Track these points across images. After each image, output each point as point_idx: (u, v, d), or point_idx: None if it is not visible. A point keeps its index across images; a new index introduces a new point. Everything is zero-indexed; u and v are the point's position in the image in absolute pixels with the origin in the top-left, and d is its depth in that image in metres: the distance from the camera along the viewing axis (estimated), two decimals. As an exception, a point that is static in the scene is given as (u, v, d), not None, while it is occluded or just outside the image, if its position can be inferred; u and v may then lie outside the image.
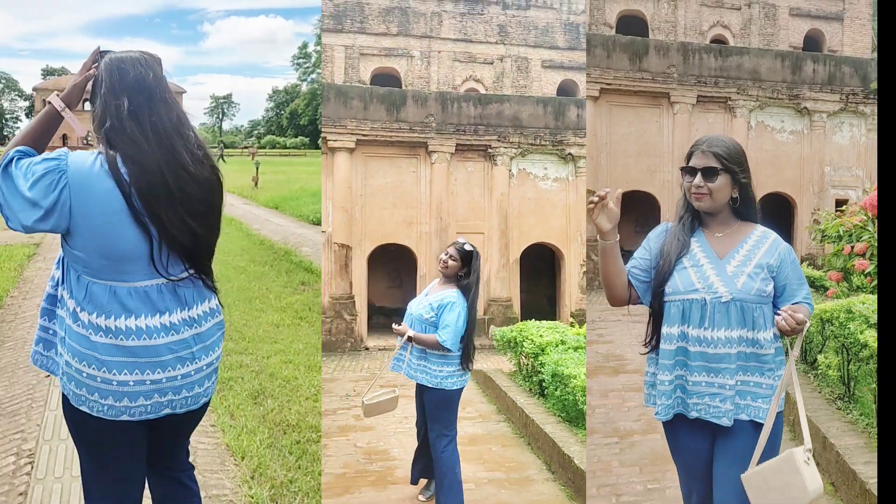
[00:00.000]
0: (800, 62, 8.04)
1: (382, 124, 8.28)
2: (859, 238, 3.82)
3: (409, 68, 12.29)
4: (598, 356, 4.00)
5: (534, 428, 3.63)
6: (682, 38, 10.42)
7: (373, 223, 8.36)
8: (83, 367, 1.17)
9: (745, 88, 7.78)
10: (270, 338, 4.23)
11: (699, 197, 1.49)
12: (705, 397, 1.45)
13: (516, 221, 8.78)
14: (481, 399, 4.92)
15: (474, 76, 12.52)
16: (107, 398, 1.17)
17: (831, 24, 11.50)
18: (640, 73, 7.61)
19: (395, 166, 8.49)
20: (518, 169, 8.88)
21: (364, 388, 5.80)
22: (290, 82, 40.69)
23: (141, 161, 1.17)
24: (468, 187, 8.71)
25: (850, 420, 2.61)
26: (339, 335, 8.01)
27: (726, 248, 1.50)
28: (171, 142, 1.21)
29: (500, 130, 8.66)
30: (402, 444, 3.77)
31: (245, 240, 8.36)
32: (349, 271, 8.18)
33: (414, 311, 2.51)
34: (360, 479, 3.13)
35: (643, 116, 7.74)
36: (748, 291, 1.44)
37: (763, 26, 11.14)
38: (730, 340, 1.44)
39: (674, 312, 1.48)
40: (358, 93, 8.38)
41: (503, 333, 5.55)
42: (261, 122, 42.33)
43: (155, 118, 1.20)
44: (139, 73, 1.22)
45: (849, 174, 8.15)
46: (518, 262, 8.85)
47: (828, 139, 8.09)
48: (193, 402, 1.27)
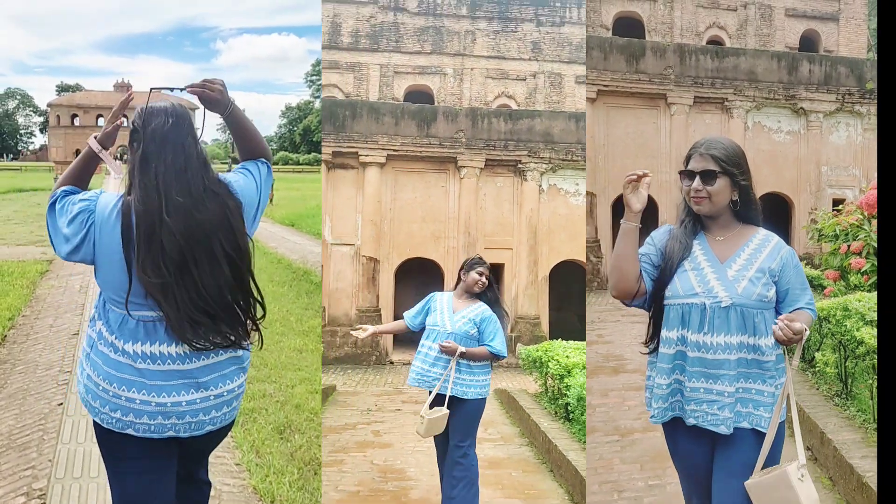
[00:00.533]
0: (796, 63, 7.99)
1: (413, 140, 8.38)
2: (855, 237, 3.81)
3: (441, 85, 12.47)
4: (598, 356, 3.99)
5: (557, 454, 3.44)
6: (679, 39, 10.36)
7: (401, 237, 8.41)
8: (100, 380, 1.31)
9: (742, 89, 7.75)
10: (294, 364, 4.00)
11: (698, 201, 1.46)
12: (703, 404, 1.42)
13: (546, 237, 8.61)
14: (504, 420, 4.75)
15: (506, 92, 12.55)
16: (115, 412, 1.30)
17: (827, 24, 11.43)
18: (637, 74, 7.59)
19: (425, 181, 8.54)
20: (549, 184, 8.74)
21: (386, 402, 5.75)
22: (302, 99, 41.79)
23: (141, 207, 1.28)
24: (497, 202, 8.64)
25: (848, 416, 2.64)
26: (365, 348, 8.03)
27: (727, 252, 1.46)
28: (178, 187, 1.30)
29: (531, 146, 8.58)
30: (420, 463, 3.67)
31: (262, 258, 7.96)
32: (376, 284, 8.23)
33: (453, 329, 2.52)
34: (373, 499, 3.05)
35: (640, 118, 7.71)
36: (749, 296, 1.41)
37: (759, 27, 11.08)
38: (729, 346, 1.40)
39: (673, 316, 1.45)
40: (389, 109, 8.54)
41: (528, 352, 5.38)
42: (273, 139, 43.68)
43: (161, 165, 1.30)
44: (159, 122, 1.34)
45: (845, 173, 8.06)
46: (547, 279, 8.64)
47: (824, 139, 8.03)
48: (198, 428, 1.34)
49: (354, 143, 8.28)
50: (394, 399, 5.84)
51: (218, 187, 1.36)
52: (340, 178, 8.41)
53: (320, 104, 40.70)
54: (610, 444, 2.78)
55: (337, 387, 6.25)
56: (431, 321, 2.60)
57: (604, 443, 2.75)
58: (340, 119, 8.33)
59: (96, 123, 27.33)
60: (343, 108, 8.47)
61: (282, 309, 5.44)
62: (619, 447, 2.77)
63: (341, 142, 8.29)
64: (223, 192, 1.37)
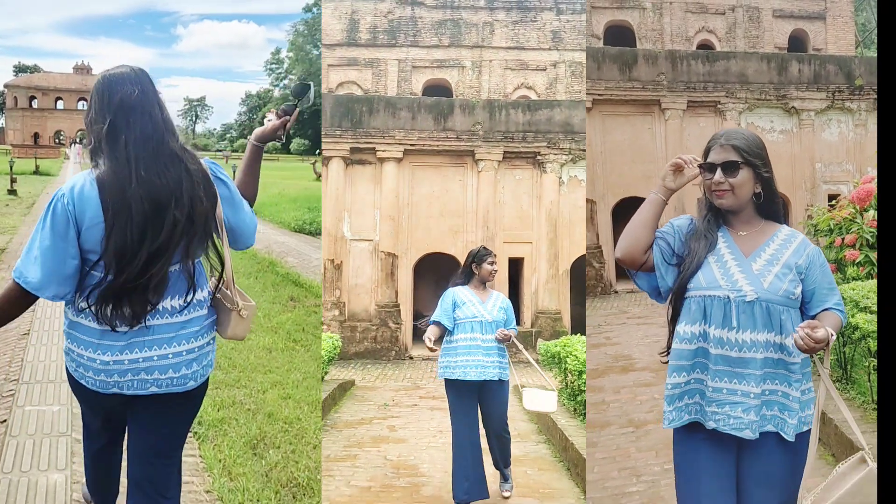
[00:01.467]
0: (785, 63, 8.21)
1: (430, 133, 8.32)
2: (848, 230, 3.98)
3: (460, 79, 12.34)
4: (608, 357, 4.22)
5: (573, 452, 3.34)
6: (669, 45, 10.58)
7: (419, 232, 8.37)
8: (68, 342, 1.41)
9: (734, 91, 7.95)
10: (264, 366, 3.66)
11: (721, 194, 1.38)
12: (726, 406, 1.32)
13: (566, 230, 8.41)
14: (522, 417, 4.66)
15: (526, 83, 12.31)
16: (72, 363, 1.40)
17: (814, 23, 11.64)
18: (631, 82, 7.81)
19: (442, 175, 8.47)
20: (569, 176, 8.52)
21: (403, 397, 5.74)
22: (262, 87, 42.07)
23: (113, 178, 1.30)
24: (516, 195, 8.49)
25: (848, 398, 2.73)
26: (384, 343, 8.05)
27: (752, 246, 1.40)
28: (146, 155, 1.32)
29: (550, 136, 8.38)
30: (433, 459, 3.63)
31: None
32: (395, 280, 8.23)
33: (491, 317, 2.76)
34: (385, 495, 3.02)
35: (636, 124, 7.91)
36: (775, 292, 1.34)
37: (748, 29, 11.29)
38: (755, 344, 1.32)
39: (694, 309, 1.36)
40: (406, 103, 8.49)
41: (547, 348, 5.26)
42: (233, 126, 43.80)
43: (131, 135, 1.32)
44: (126, 92, 1.33)
45: (839, 169, 8.18)
46: (568, 273, 8.45)
47: (817, 136, 8.21)
48: (141, 387, 1.37)
49: (372, 139, 8.28)
50: (411, 394, 5.83)
51: (183, 153, 1.37)
52: (358, 173, 8.43)
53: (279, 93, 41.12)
54: (626, 435, 2.90)
55: (356, 382, 6.28)
56: (468, 314, 2.74)
57: (620, 434, 2.87)
58: (357, 115, 8.34)
59: (55, 106, 27.46)
60: (360, 104, 8.48)
61: None
62: (634, 437, 2.88)
63: (359, 137, 8.30)
64: (187, 159, 1.37)
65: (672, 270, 1.40)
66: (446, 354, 2.72)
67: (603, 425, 3.08)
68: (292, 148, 35.12)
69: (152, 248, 1.30)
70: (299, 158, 32.33)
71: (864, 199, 4.00)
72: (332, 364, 5.94)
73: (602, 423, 3.12)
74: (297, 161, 30.45)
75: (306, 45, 36.34)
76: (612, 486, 2.50)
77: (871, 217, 3.94)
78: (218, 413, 2.87)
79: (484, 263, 2.78)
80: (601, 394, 3.60)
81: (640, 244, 1.39)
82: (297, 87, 1.66)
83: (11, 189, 11.74)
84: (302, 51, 36.36)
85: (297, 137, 35.81)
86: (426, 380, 6.74)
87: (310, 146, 34.83)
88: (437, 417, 4.81)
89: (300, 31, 36.71)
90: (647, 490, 2.43)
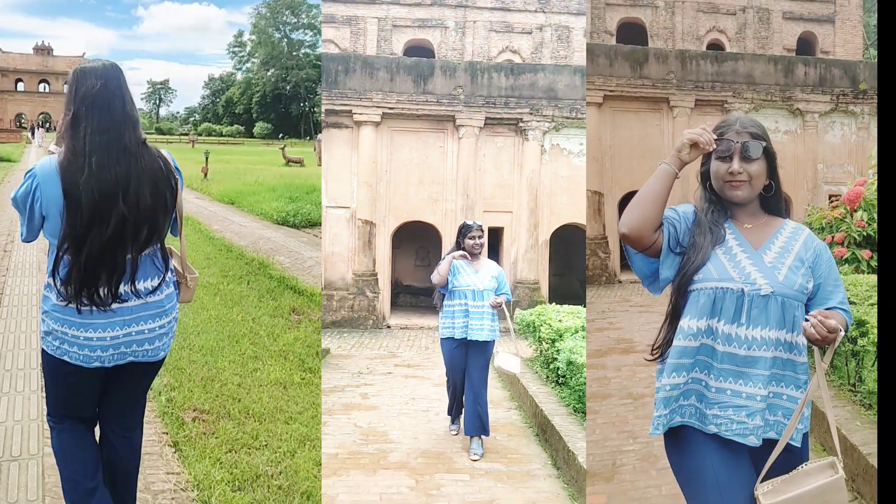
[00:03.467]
0: (792, 66, 8.51)
1: (409, 97, 8.00)
2: (838, 229, 4.32)
3: (442, 40, 11.85)
4: (611, 340, 4.55)
5: (542, 419, 3.35)
6: (680, 43, 11.13)
7: (398, 199, 8.17)
8: (49, 321, 1.49)
9: (741, 92, 8.21)
10: (283, 411, 2.71)
11: (737, 185, 1.28)
12: (728, 409, 1.22)
13: (547, 200, 8.32)
14: (495, 385, 4.67)
15: (511, 47, 11.91)
16: (55, 341, 1.49)
17: (823, 26, 11.99)
18: (641, 79, 8.09)
19: (422, 141, 8.21)
20: (551, 144, 8.36)
21: (378, 365, 5.71)
22: (225, 71, 41.02)
23: (67, 166, 1.41)
24: (497, 163, 8.31)
25: (834, 384, 2.85)
26: (361, 312, 7.98)
27: (760, 239, 1.31)
28: (99, 148, 1.42)
29: (533, 103, 8.15)
30: (404, 426, 3.61)
31: (207, 244, 6.64)
32: (373, 248, 8.08)
33: (483, 286, 3.11)
34: (352, 461, 2.99)
35: (645, 120, 8.17)
36: (791, 286, 1.24)
37: (757, 30, 11.75)
38: (766, 342, 1.22)
39: (703, 303, 1.25)
40: (384, 63, 8.11)
41: (523, 317, 5.25)
42: (197, 110, 42.06)
43: (89, 126, 1.42)
44: (89, 85, 1.44)
45: (841, 170, 8.51)
46: (548, 243, 8.42)
47: (820, 138, 8.53)
48: (120, 358, 1.52)
49: (348, 101, 7.92)
50: (386, 362, 5.80)
51: (137, 150, 1.45)
52: (335, 137, 8.10)
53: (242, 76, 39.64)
54: (625, 405, 3.22)
55: (331, 350, 6.22)
56: (461, 283, 3.13)
57: (619, 405, 3.21)
58: (333, 74, 7.94)
59: (15, 88, 26.05)
60: (336, 63, 8.06)
61: (245, 316, 4.09)
62: (632, 407, 3.17)
63: (334, 98, 7.93)
64: (144, 156, 1.46)
65: (675, 260, 1.30)
66: (444, 317, 3.17)
67: (604, 397, 3.35)
68: (255, 132, 33.88)
69: (104, 238, 1.41)
70: (264, 143, 31.34)
71: (853, 200, 4.29)
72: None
73: (604, 395, 3.40)
74: (262, 145, 29.40)
75: (269, 28, 34.73)
76: (611, 445, 2.75)
77: (860, 217, 4.21)
78: (243, 497, 2.04)
79: (466, 238, 3.13)
80: (603, 370, 3.91)
81: (649, 221, 1.26)
82: None
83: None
84: (265, 34, 34.78)
85: (259, 121, 34.58)
86: (403, 348, 6.72)
87: (272, 130, 33.65)
88: (411, 385, 4.80)
89: (262, 13, 35.11)
90: (642, 449, 2.68)
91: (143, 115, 43.04)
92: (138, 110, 1.57)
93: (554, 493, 2.64)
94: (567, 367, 3.67)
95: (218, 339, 3.61)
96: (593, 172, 8.13)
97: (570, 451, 2.73)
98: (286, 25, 34.96)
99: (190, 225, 7.63)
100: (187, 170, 14.22)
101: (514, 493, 2.64)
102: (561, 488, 2.70)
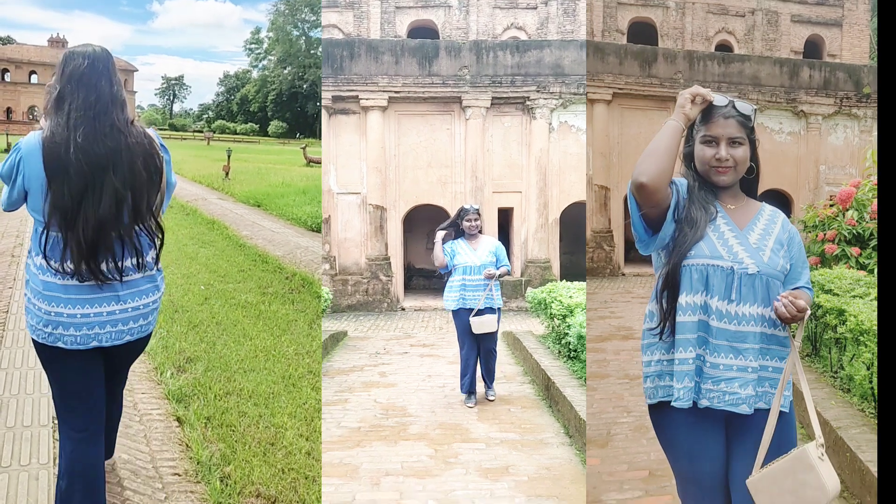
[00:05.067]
0: (797, 68, 8.70)
1: (415, 79, 7.98)
2: (830, 227, 4.51)
3: (446, 19, 11.69)
4: (612, 327, 4.84)
5: (554, 390, 3.47)
6: (690, 43, 11.07)
7: (407, 183, 8.24)
8: (36, 300, 1.48)
9: (746, 93, 8.29)
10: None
11: (724, 171, 1.33)
12: (721, 382, 1.28)
13: (556, 179, 8.32)
14: (508, 361, 4.81)
15: (516, 24, 11.70)
16: (47, 326, 1.47)
17: (831, 29, 12.03)
18: (650, 78, 8.29)
19: (429, 124, 8.22)
20: (559, 122, 8.30)
21: (395, 346, 5.88)
22: (240, 68, 39.21)
23: (52, 140, 1.42)
24: (505, 144, 8.30)
25: (817, 371, 3.09)
26: (376, 295, 8.15)
27: (744, 220, 1.36)
28: (85, 123, 1.43)
29: (540, 80, 8.08)
30: (422, 401, 3.77)
31: (238, 253, 5.98)
32: (384, 233, 8.19)
33: (479, 262, 3.54)
34: (374, 434, 3.16)
35: (652, 118, 8.22)
36: (774, 266, 1.31)
37: (766, 32, 11.65)
38: (754, 318, 1.29)
39: (696, 279, 1.30)
40: (389, 46, 8.08)
41: (534, 295, 5.35)
42: (211, 107, 40.82)
43: (74, 103, 1.44)
44: (76, 64, 1.47)
45: (842, 172, 8.69)
46: (558, 221, 8.44)
47: (823, 140, 8.71)
48: (118, 338, 1.52)
49: (354, 86, 7.94)
50: (402, 343, 5.97)
51: (125, 127, 1.48)
52: (342, 124, 8.16)
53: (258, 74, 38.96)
54: (621, 384, 3.48)
55: (348, 333, 6.41)
56: (460, 261, 3.57)
57: (616, 383, 3.48)
58: (338, 60, 7.95)
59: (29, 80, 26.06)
60: (340, 49, 8.06)
61: (300, 351, 3.34)
62: (628, 386, 3.41)
63: (340, 85, 7.96)
64: (132, 134, 1.48)
65: (671, 227, 1.32)
66: (448, 291, 3.61)
67: (603, 376, 3.63)
68: (270, 130, 33.57)
69: (100, 212, 1.42)
70: (279, 141, 31.05)
71: (845, 200, 4.49)
72: (323, 316, 6.00)
73: (602, 375, 3.70)
74: (278, 144, 29.13)
75: (287, 26, 34.21)
76: (607, 417, 3.00)
77: (850, 216, 4.39)
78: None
79: (463, 221, 3.57)
80: (603, 354, 4.17)
81: (665, 172, 1.26)
82: None
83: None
84: (282, 31, 34.31)
85: (275, 119, 34.27)
86: (417, 329, 6.89)
87: (287, 129, 33.37)
88: (427, 363, 4.96)
89: (280, 10, 34.53)
90: (635, 421, 2.92)
91: (157, 110, 42.24)
92: (151, 106, 1.61)
93: (566, 459, 2.77)
94: (578, 341, 3.77)
95: (271, 382, 2.87)
96: (600, 167, 8.23)
97: (582, 419, 2.85)
98: (305, 23, 34.42)
99: (217, 230, 7.30)
100: (206, 168, 13.67)
101: (528, 460, 2.78)
102: (573, 454, 2.83)
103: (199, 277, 4.96)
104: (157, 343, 3.30)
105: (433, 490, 2.46)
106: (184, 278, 4.87)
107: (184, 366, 3.07)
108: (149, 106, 42.61)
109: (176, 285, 4.58)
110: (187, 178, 12.75)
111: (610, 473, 2.45)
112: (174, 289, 4.47)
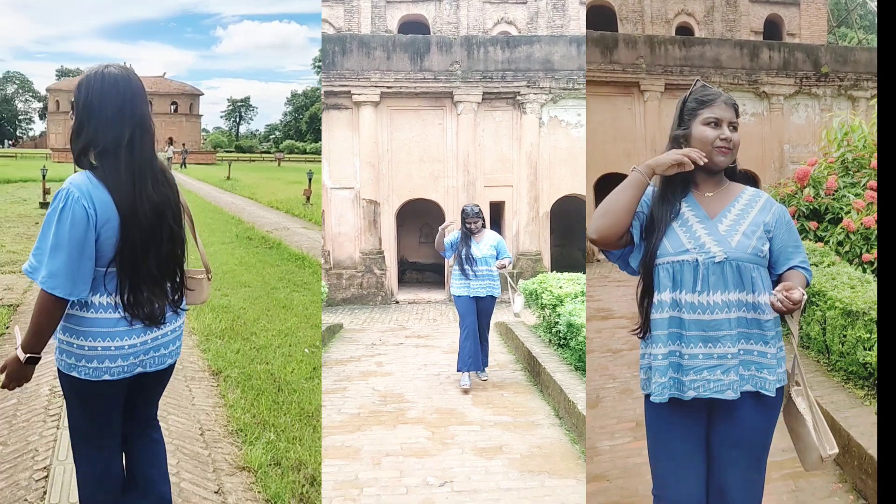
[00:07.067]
0: (757, 50, 8.75)
1: (406, 74, 8.06)
2: (789, 204, 4.72)
3: (437, 14, 11.73)
4: (591, 310, 5.23)
5: (545, 376, 3.64)
6: (650, 26, 11.10)
7: (400, 178, 8.33)
8: (75, 340, 1.43)
9: (709, 75, 8.39)
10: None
11: (725, 151, 1.38)
12: (703, 371, 1.31)
13: (546, 173, 8.47)
14: (501, 350, 4.97)
15: (506, 18, 11.79)
16: (92, 362, 1.44)
17: (789, 9, 12.18)
18: (612, 65, 8.20)
19: (421, 119, 8.31)
20: (549, 116, 8.44)
21: (390, 337, 6.01)
22: (309, 86, 38.62)
23: (118, 184, 1.40)
24: (496, 138, 8.43)
25: (809, 355, 3.19)
26: (370, 289, 8.26)
27: (717, 207, 1.39)
28: (143, 166, 1.43)
29: (530, 75, 8.20)
30: (418, 388, 3.91)
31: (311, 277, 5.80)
32: (378, 227, 8.29)
33: (482, 255, 3.96)
34: (373, 419, 3.29)
35: (617, 105, 8.31)
36: (744, 250, 1.33)
37: (725, 13, 11.70)
38: (727, 304, 1.31)
39: (664, 277, 1.35)
40: (380, 42, 8.14)
41: (525, 286, 5.50)
42: (278, 126, 40.37)
43: (91, 135, 1.40)
44: (88, 96, 1.42)
45: (806, 150, 8.74)
46: (548, 215, 8.61)
47: (786, 120, 8.86)
48: (160, 362, 1.54)
49: (347, 82, 8.00)
50: (398, 334, 6.09)
51: (162, 174, 1.49)
52: (335, 119, 8.21)
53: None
54: (605, 357, 3.83)
55: (344, 325, 6.53)
56: (465, 253, 3.96)
57: (600, 357, 3.85)
58: (330, 56, 7.99)
59: (172, 112, 25.42)
60: (332, 44, 8.09)
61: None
62: (612, 358, 3.79)
63: (333, 80, 8.00)
64: (166, 168, 1.52)
65: (643, 245, 1.39)
66: (454, 279, 4.03)
67: (589, 351, 3.95)
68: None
69: (161, 255, 1.44)
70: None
71: (802, 178, 4.74)
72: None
73: (588, 350, 4.01)
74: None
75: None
76: (595, 384, 3.34)
77: (807, 193, 4.67)
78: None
79: (466, 222, 4.02)
80: (586, 332, 4.55)
81: (619, 227, 1.33)
82: None
83: (44, 202, 9.87)
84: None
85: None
86: (412, 321, 7.02)
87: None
88: (422, 353, 5.10)
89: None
90: (619, 386, 3.26)
91: (223, 133, 41.23)
92: (216, 129, 1.56)
93: (556, 439, 2.94)
94: (567, 329, 3.94)
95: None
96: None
97: (571, 401, 3.01)
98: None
99: (308, 267, 6.31)
100: (282, 192, 12.32)
101: (521, 440, 2.94)
102: (563, 434, 2.99)
103: (301, 336, 3.81)
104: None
105: (432, 468, 2.60)
106: (279, 336, 3.72)
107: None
108: (214, 129, 41.67)
109: (274, 350, 3.45)
110: (262, 203, 11.69)
111: (602, 427, 2.73)
112: (276, 359, 3.33)
